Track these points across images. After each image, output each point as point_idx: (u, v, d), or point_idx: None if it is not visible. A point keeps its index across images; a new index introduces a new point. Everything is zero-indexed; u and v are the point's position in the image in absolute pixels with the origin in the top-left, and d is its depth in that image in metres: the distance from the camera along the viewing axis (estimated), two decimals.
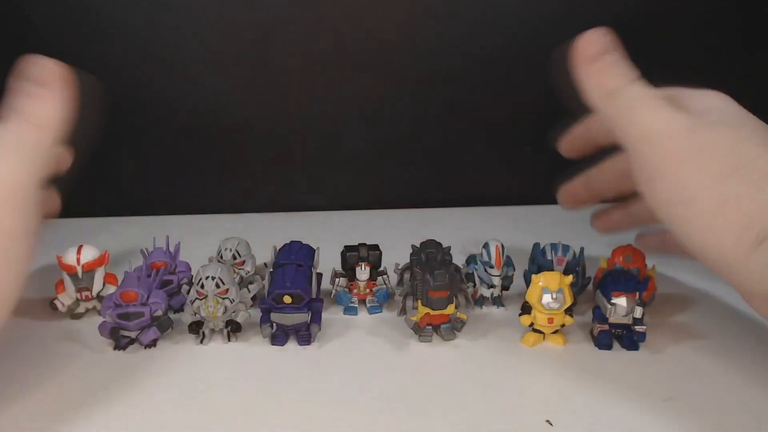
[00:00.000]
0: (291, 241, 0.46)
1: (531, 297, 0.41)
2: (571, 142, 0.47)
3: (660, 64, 0.70)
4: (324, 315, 0.44)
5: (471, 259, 0.48)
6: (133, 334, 0.41)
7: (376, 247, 0.47)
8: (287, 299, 0.40)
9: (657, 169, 0.34)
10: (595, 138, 0.46)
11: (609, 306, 0.40)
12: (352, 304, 0.47)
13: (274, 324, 0.41)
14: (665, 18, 0.65)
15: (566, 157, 0.49)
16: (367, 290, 0.47)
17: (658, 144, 0.34)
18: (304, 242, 0.46)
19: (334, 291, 0.47)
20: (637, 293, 0.40)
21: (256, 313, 0.43)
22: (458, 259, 0.47)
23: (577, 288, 0.46)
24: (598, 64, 0.35)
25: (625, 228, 0.48)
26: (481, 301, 0.47)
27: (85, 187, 0.67)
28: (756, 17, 0.65)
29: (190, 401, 0.36)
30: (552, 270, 0.44)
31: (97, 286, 0.44)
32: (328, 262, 0.47)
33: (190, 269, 0.49)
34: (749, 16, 0.65)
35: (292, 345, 0.42)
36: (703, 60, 0.66)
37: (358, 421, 0.34)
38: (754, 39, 0.65)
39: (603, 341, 0.41)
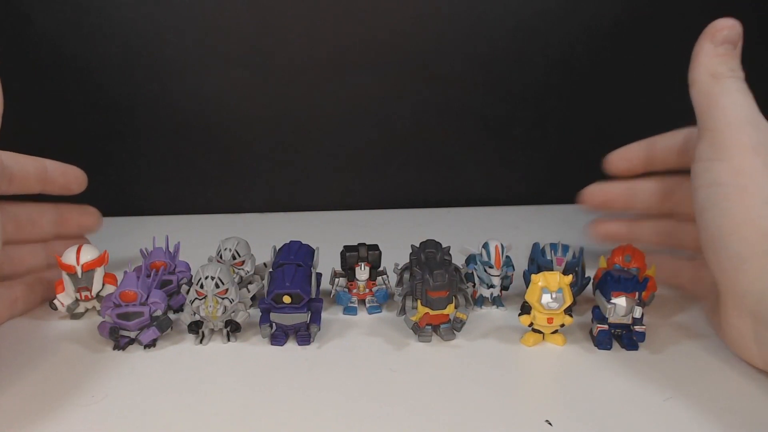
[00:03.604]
0: (290, 241, 0.46)
1: (530, 297, 0.41)
2: (626, 158, 0.49)
3: (660, 64, 0.71)
4: (323, 315, 0.44)
5: (471, 259, 0.48)
6: (132, 334, 0.41)
7: (375, 247, 0.47)
8: (287, 299, 0.40)
9: (725, 150, 0.37)
10: (654, 158, 0.48)
11: (608, 306, 0.40)
12: (352, 304, 0.47)
13: (274, 324, 0.41)
14: (665, 18, 0.65)
15: (611, 174, 0.50)
16: (367, 290, 0.47)
17: (736, 129, 0.37)
18: (303, 242, 0.46)
19: (333, 291, 0.47)
20: (637, 293, 0.40)
21: (256, 313, 0.43)
22: (458, 259, 0.47)
23: (577, 288, 0.46)
24: (720, 48, 0.39)
25: (622, 241, 0.48)
26: (480, 301, 0.47)
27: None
28: (757, 17, 0.65)
29: (190, 401, 0.36)
30: (551, 270, 0.44)
31: (96, 286, 0.44)
32: (327, 262, 0.47)
33: (189, 269, 0.49)
34: (749, 16, 0.65)
35: (291, 345, 0.42)
36: None
37: (357, 421, 0.34)
38: (755, 39, 0.65)
39: (602, 341, 0.41)
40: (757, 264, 0.35)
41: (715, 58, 0.39)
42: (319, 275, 0.46)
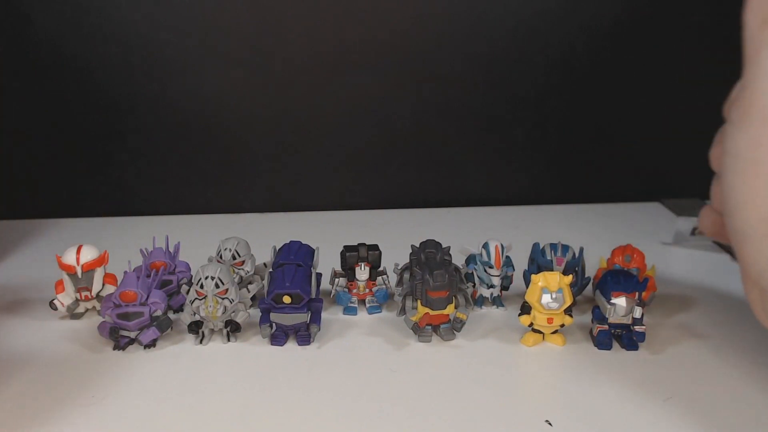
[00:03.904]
0: (290, 241, 0.46)
1: (530, 297, 0.41)
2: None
3: (660, 64, 0.71)
4: (323, 315, 0.44)
5: (471, 259, 0.48)
6: (132, 334, 0.41)
7: (375, 247, 0.47)
8: (287, 299, 0.40)
9: (747, 116, 0.33)
10: None
11: (608, 306, 0.40)
12: (352, 304, 0.47)
13: (274, 324, 0.41)
14: (665, 18, 0.65)
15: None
16: (367, 290, 0.47)
17: (765, 93, 0.33)
18: (303, 242, 0.46)
19: (333, 291, 0.47)
20: (637, 293, 0.40)
21: (256, 313, 0.43)
22: (458, 259, 0.47)
23: (577, 288, 0.46)
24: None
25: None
26: (480, 301, 0.47)
27: (85, 187, 0.68)
28: None
29: (190, 401, 0.36)
30: (551, 270, 0.44)
31: (96, 286, 0.44)
32: (327, 262, 0.47)
33: (189, 269, 0.49)
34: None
35: (291, 345, 0.42)
36: (702, 60, 0.66)
37: (357, 421, 0.34)
38: None
39: (602, 341, 0.41)
40: (757, 243, 0.34)
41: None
42: (319, 275, 0.46)
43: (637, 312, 0.40)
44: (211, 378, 0.38)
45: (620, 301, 0.40)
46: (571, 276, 0.41)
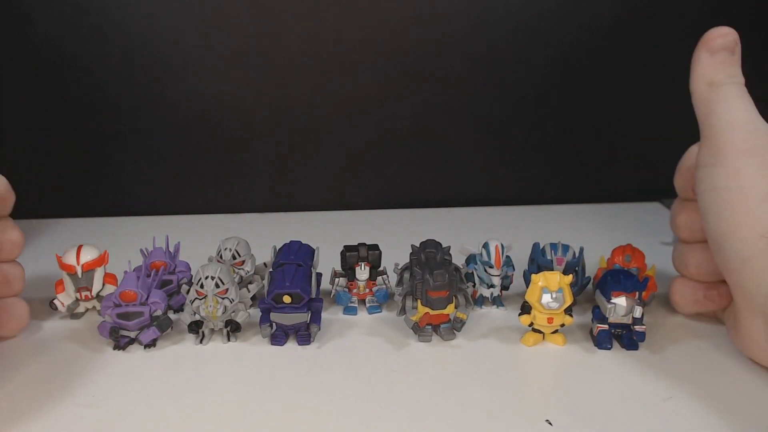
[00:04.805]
0: (290, 241, 0.46)
1: (531, 297, 0.41)
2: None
3: (660, 64, 0.71)
4: (324, 315, 0.44)
5: (471, 259, 0.48)
6: (132, 334, 0.41)
7: (375, 247, 0.47)
8: (287, 299, 0.40)
9: (721, 155, 0.37)
10: None
11: (608, 306, 0.40)
12: (352, 304, 0.47)
13: (274, 324, 0.41)
14: (665, 18, 0.65)
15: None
16: (367, 290, 0.47)
17: (730, 134, 0.37)
18: (303, 242, 0.46)
19: (333, 291, 0.47)
20: (637, 293, 0.40)
21: (256, 313, 0.43)
22: (458, 259, 0.47)
23: (577, 288, 0.46)
24: (717, 56, 0.39)
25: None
26: (480, 301, 0.47)
27: (85, 187, 0.68)
28: (756, 17, 0.65)
29: (190, 401, 0.36)
30: (552, 270, 0.44)
31: (96, 286, 0.44)
32: (327, 261, 0.47)
33: (189, 269, 0.49)
34: (748, 16, 0.65)
35: (291, 345, 0.42)
36: None
37: (357, 421, 0.34)
38: (755, 39, 0.65)
39: (602, 341, 0.41)
40: (759, 263, 0.35)
41: (712, 68, 0.39)
42: (319, 275, 0.46)
43: (638, 312, 0.40)
44: (211, 378, 0.38)
45: (620, 301, 0.40)
46: (571, 276, 0.41)
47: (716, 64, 0.39)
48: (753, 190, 0.36)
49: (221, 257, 0.47)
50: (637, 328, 0.41)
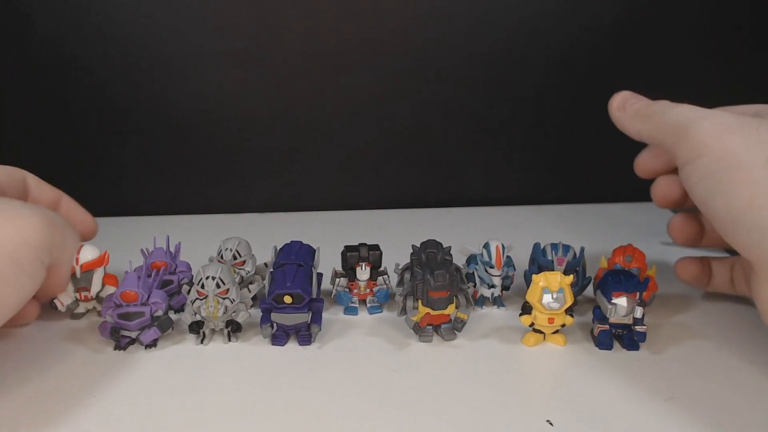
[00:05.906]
0: (291, 241, 0.46)
1: (531, 297, 0.41)
2: (645, 162, 0.49)
3: (660, 64, 0.71)
4: (324, 315, 0.44)
5: (471, 259, 0.48)
6: (133, 334, 0.41)
7: (376, 247, 0.47)
8: (287, 299, 0.40)
9: (700, 147, 0.38)
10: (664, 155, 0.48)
11: (609, 306, 0.40)
12: (353, 304, 0.47)
13: (275, 324, 0.41)
14: (665, 18, 0.65)
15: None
16: (368, 290, 0.47)
17: (697, 124, 0.38)
18: (304, 242, 0.46)
19: (334, 291, 0.47)
20: (638, 293, 0.40)
21: (257, 313, 0.43)
22: (459, 259, 0.47)
23: (578, 288, 0.46)
24: (630, 110, 0.45)
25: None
26: (481, 301, 0.47)
27: (86, 187, 0.68)
28: (756, 17, 0.65)
29: (190, 401, 0.36)
30: (552, 270, 0.44)
31: (95, 286, 0.44)
32: (328, 262, 0.47)
33: (190, 269, 0.49)
34: (748, 16, 0.65)
35: (292, 345, 0.42)
36: (702, 60, 0.66)
37: (358, 421, 0.34)
38: (754, 39, 0.65)
39: (603, 341, 0.41)
40: None
41: (634, 116, 0.43)
42: (319, 275, 0.46)
43: (638, 312, 0.40)
44: (212, 378, 0.38)
45: (621, 301, 0.40)
46: (572, 276, 0.41)
47: (634, 112, 0.44)
48: (751, 161, 0.36)
49: (222, 257, 0.47)
50: (638, 328, 0.41)
